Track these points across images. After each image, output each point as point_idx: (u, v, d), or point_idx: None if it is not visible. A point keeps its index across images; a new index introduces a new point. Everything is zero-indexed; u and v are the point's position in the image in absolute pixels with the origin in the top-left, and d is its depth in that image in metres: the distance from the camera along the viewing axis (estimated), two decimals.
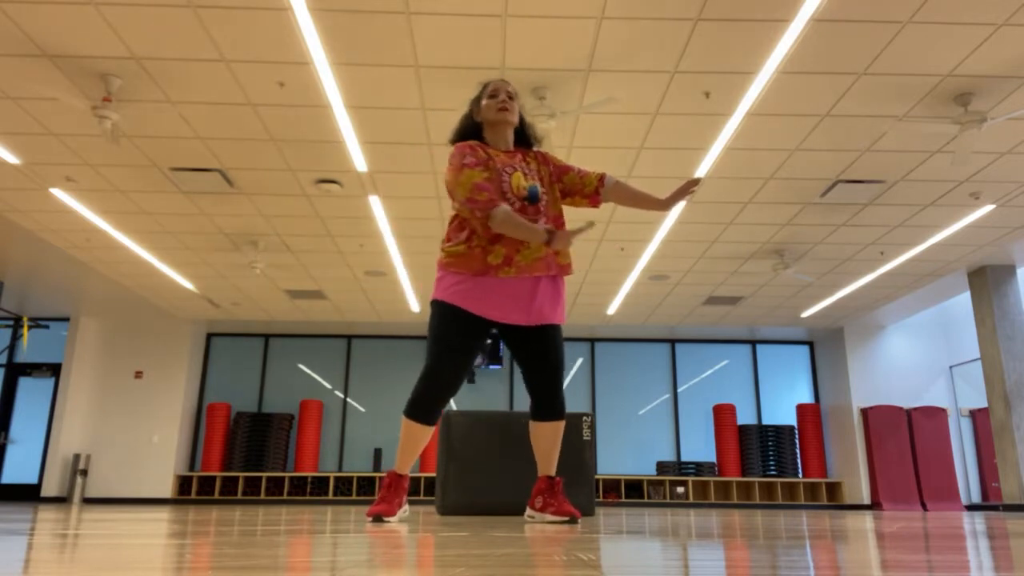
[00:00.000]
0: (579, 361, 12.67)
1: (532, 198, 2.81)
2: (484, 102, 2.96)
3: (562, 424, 2.97)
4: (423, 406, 2.80)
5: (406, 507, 3.02)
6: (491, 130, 2.97)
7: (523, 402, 12.49)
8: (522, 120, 3.05)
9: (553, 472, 3.01)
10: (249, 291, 10.15)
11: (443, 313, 2.79)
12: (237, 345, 12.51)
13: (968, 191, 6.87)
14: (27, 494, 11.24)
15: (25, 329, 11.80)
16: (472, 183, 2.73)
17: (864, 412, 11.40)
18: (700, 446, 12.35)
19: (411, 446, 2.87)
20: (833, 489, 11.92)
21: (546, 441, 2.96)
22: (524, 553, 1.44)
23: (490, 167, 2.83)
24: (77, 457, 11.02)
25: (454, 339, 2.76)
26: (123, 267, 9.16)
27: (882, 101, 5.39)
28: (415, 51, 4.84)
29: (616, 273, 9.30)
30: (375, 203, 7.23)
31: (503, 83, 3.01)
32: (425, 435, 2.87)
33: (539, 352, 2.88)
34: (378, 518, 2.81)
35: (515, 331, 2.90)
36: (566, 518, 2.90)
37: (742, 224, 7.69)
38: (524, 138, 3.07)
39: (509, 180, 2.82)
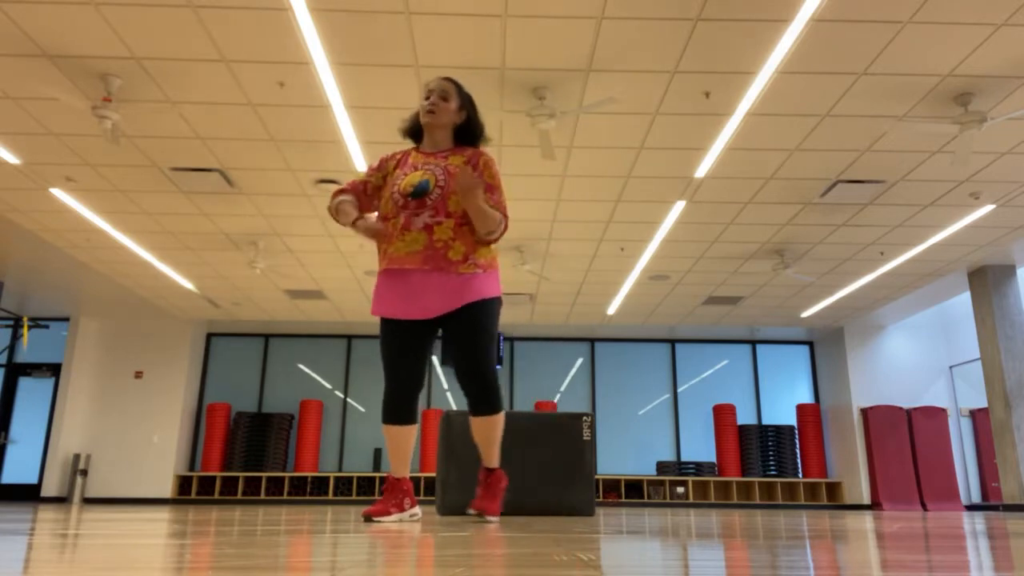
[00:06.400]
0: (579, 361, 12.67)
1: (416, 193, 2.84)
2: (421, 102, 3.01)
3: (494, 419, 2.94)
4: (384, 408, 2.93)
5: (416, 510, 3.02)
6: (424, 130, 3.04)
7: (523, 402, 12.50)
8: (469, 120, 3.01)
9: (491, 464, 3.05)
10: (249, 291, 10.15)
11: (380, 324, 2.99)
12: (237, 345, 12.51)
13: (968, 191, 6.87)
14: (27, 494, 11.24)
15: (25, 329, 11.80)
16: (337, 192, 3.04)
17: (864, 412, 11.41)
18: (700, 446, 12.35)
19: (391, 448, 2.96)
20: (833, 489, 11.92)
21: (480, 436, 2.99)
22: (524, 553, 1.44)
23: (385, 172, 3.00)
24: (77, 457, 11.02)
25: (384, 345, 2.91)
26: (123, 267, 9.16)
27: (882, 101, 5.39)
28: (415, 51, 4.84)
29: (616, 273, 9.30)
30: None
31: (441, 82, 2.99)
32: (400, 435, 2.91)
33: (451, 338, 2.91)
34: (368, 518, 2.86)
35: (441, 325, 2.93)
36: (475, 512, 2.97)
37: (742, 224, 7.70)
38: (468, 135, 3.03)
39: (401, 181, 2.90)
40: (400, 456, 2.93)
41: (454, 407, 12.36)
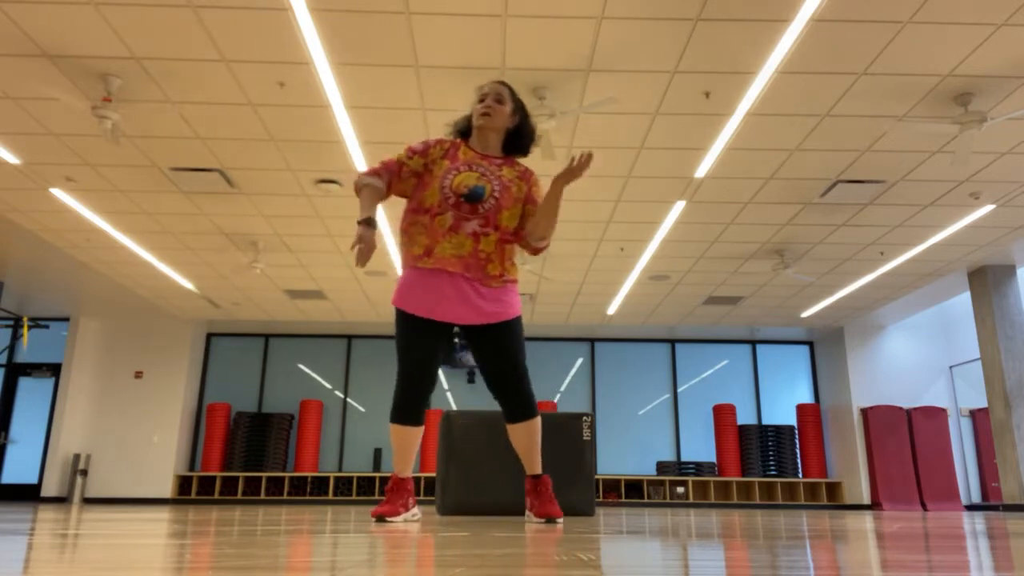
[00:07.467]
0: (579, 361, 12.67)
1: (470, 197, 2.80)
2: (475, 105, 2.96)
3: (533, 423, 2.93)
4: (397, 408, 2.88)
5: (416, 510, 3.02)
6: (474, 131, 2.99)
7: None
8: (522, 125, 3.00)
9: (537, 471, 3.01)
10: (249, 291, 10.15)
11: (397, 318, 2.90)
12: (237, 345, 12.51)
13: (968, 191, 6.87)
14: (27, 494, 11.24)
15: (25, 329, 11.80)
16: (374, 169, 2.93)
17: (864, 412, 11.41)
18: (700, 446, 12.35)
19: (398, 448, 2.92)
20: (833, 489, 11.92)
21: (521, 442, 2.95)
22: (524, 553, 1.44)
23: (429, 160, 2.91)
24: (77, 457, 11.02)
25: (406, 342, 2.85)
26: (123, 267, 9.16)
27: (882, 101, 5.39)
28: (415, 51, 4.84)
29: (616, 273, 9.30)
30: None
31: (496, 86, 2.97)
32: (409, 435, 2.90)
33: (489, 352, 2.88)
34: (381, 518, 2.84)
35: (467, 330, 2.91)
36: (542, 520, 2.93)
37: (742, 224, 7.70)
38: (518, 145, 3.01)
39: (453, 177, 2.84)
40: (406, 456, 2.92)
41: (454, 407, 12.37)
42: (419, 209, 2.86)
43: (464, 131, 3.03)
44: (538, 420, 2.96)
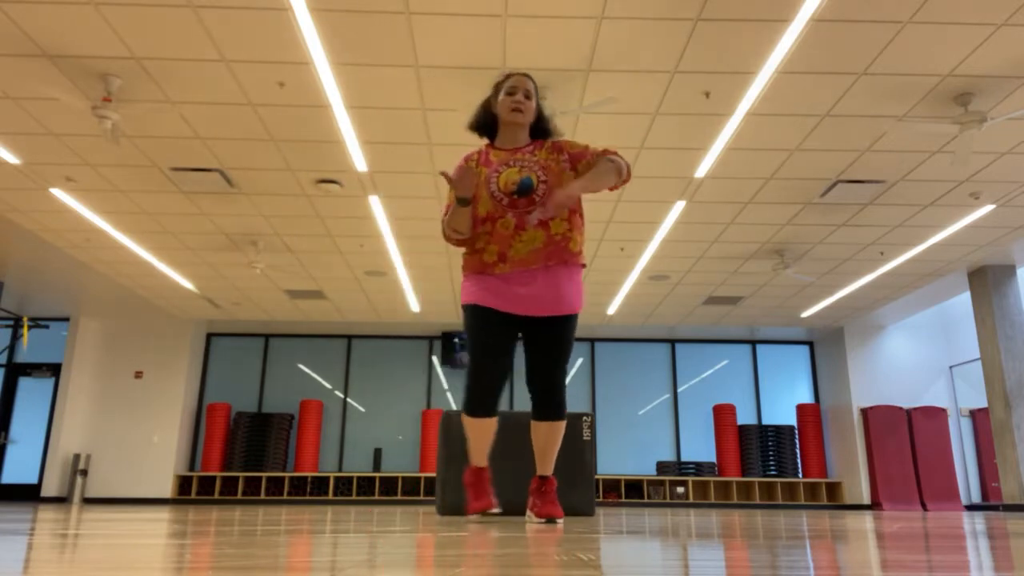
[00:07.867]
0: (579, 361, 12.66)
1: (522, 190, 2.81)
2: (501, 97, 2.95)
3: (559, 425, 2.95)
4: (468, 400, 2.88)
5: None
6: (502, 127, 2.99)
7: (523, 402, 12.49)
8: (541, 115, 3.03)
9: (547, 472, 3.02)
10: (249, 291, 10.15)
11: (468, 314, 2.90)
12: (237, 345, 12.51)
13: (968, 191, 6.87)
14: (27, 494, 11.24)
15: (25, 329, 11.80)
16: (445, 205, 2.97)
17: (864, 412, 11.41)
18: (700, 446, 12.35)
19: (473, 439, 2.95)
20: (833, 489, 11.92)
21: (541, 441, 2.98)
22: (524, 553, 1.44)
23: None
24: (77, 457, 11.02)
25: (481, 335, 2.84)
26: (123, 267, 9.16)
27: (882, 101, 5.39)
28: (415, 51, 4.84)
29: (616, 273, 9.30)
30: (375, 203, 7.24)
31: (523, 80, 2.98)
32: (482, 427, 2.91)
33: (539, 345, 2.89)
34: (485, 512, 2.88)
35: (528, 324, 2.91)
36: (543, 520, 2.94)
37: (742, 224, 7.69)
38: (540, 131, 3.04)
39: (498, 179, 2.85)
40: (482, 447, 2.95)
41: (454, 407, 12.36)
42: (476, 221, 2.88)
43: (484, 124, 3.04)
44: (563, 424, 2.98)
